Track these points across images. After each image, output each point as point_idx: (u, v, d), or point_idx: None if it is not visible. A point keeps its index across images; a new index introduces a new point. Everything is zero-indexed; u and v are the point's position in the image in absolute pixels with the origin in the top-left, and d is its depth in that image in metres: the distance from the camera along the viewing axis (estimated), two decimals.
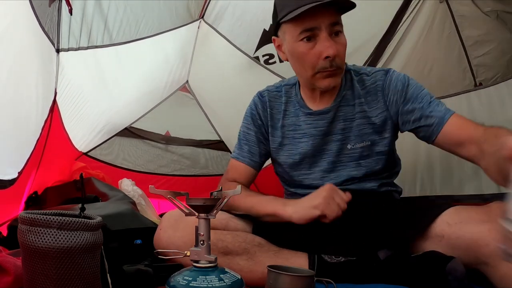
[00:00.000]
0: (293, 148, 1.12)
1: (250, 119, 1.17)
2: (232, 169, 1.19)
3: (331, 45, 0.95)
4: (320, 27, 0.95)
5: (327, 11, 0.94)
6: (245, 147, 1.17)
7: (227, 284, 0.59)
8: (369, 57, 2.00)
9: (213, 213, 0.64)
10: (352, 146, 1.06)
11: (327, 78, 0.99)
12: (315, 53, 0.97)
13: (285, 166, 1.14)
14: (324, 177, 1.09)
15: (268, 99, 1.15)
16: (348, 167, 1.07)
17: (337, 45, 0.97)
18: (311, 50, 0.97)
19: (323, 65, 0.97)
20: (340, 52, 0.98)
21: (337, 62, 0.97)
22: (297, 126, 1.12)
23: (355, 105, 1.07)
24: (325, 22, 0.95)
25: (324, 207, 0.91)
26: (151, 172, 2.37)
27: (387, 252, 0.88)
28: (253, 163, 1.16)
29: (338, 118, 1.07)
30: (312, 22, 0.95)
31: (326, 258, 0.90)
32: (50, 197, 1.59)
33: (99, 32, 1.68)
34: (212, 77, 2.28)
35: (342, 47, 0.98)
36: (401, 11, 1.93)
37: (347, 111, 1.07)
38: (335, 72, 0.99)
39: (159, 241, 0.95)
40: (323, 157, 1.09)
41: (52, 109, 1.64)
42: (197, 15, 2.02)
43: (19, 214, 0.64)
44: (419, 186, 1.95)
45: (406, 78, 1.04)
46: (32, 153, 1.45)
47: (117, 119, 2.16)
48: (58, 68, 1.62)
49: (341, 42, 0.98)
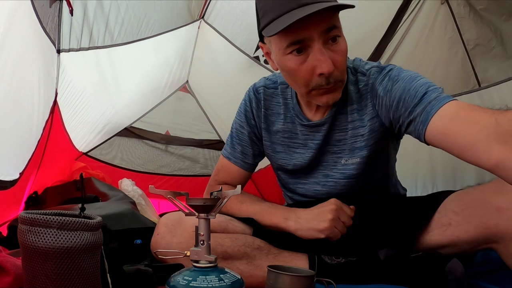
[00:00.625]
0: (288, 157, 1.04)
1: (244, 117, 1.07)
2: (223, 170, 1.12)
3: (325, 60, 0.78)
4: (312, 37, 0.78)
5: (319, 17, 0.77)
6: (238, 147, 1.09)
7: (227, 284, 0.59)
8: (369, 57, 2.00)
9: (213, 213, 0.64)
10: (345, 162, 0.97)
11: (324, 95, 0.85)
12: (307, 68, 0.81)
13: (280, 172, 1.12)
14: (317, 190, 1.04)
15: (264, 97, 1.04)
16: (339, 185, 0.99)
17: (335, 55, 0.81)
18: (302, 66, 0.81)
19: (318, 82, 0.82)
20: (339, 63, 0.82)
21: (335, 77, 0.82)
22: (293, 134, 1.02)
23: (347, 113, 0.94)
24: (318, 30, 0.78)
25: (330, 231, 0.87)
26: (151, 172, 2.38)
27: (387, 252, 0.88)
28: (246, 165, 1.10)
29: (333, 128, 0.96)
30: (301, 32, 0.78)
31: (326, 259, 0.90)
32: (50, 197, 1.59)
33: (100, 33, 1.68)
34: (212, 77, 2.29)
35: (341, 56, 0.82)
36: (401, 10, 1.93)
37: (342, 120, 0.95)
38: (334, 88, 0.84)
39: (157, 248, 0.92)
40: (319, 168, 1.02)
41: (53, 110, 1.64)
42: (197, 15, 2.02)
43: (19, 214, 0.64)
44: (421, 188, 1.94)
45: (397, 72, 0.87)
46: (33, 154, 1.45)
47: (118, 119, 2.16)
48: (59, 68, 1.62)
49: (339, 50, 0.82)
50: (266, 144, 1.07)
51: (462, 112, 0.71)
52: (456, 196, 0.84)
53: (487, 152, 0.63)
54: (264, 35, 0.84)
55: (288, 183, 1.11)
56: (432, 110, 0.75)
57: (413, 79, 0.82)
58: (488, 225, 0.75)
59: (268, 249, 0.92)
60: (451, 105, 0.73)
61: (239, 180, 1.11)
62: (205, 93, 2.40)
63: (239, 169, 1.10)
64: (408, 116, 0.80)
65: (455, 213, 0.81)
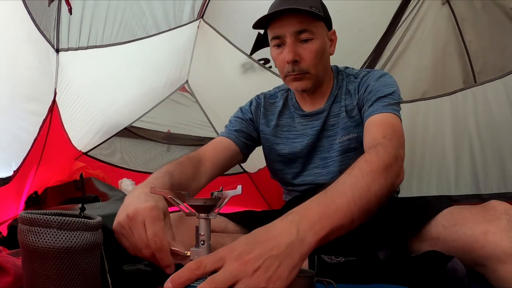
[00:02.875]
0: (286, 146, 1.14)
1: (241, 112, 1.20)
2: (210, 144, 1.10)
3: (290, 51, 1.00)
4: (285, 34, 1.01)
5: (293, 19, 0.99)
6: (232, 128, 1.15)
7: None
8: (369, 57, 2.00)
9: (214, 213, 0.64)
10: (340, 140, 1.09)
11: (294, 82, 1.05)
12: (282, 58, 1.04)
13: (278, 164, 1.16)
14: (317, 173, 1.11)
15: (264, 101, 1.20)
16: (337, 162, 1.09)
17: (304, 51, 1.01)
18: (280, 56, 1.05)
19: (288, 69, 1.04)
20: (306, 57, 1.02)
21: (301, 67, 1.02)
22: (291, 127, 1.15)
23: (341, 101, 1.11)
24: (289, 30, 1.00)
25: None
26: (151, 172, 2.36)
27: (387, 252, 0.88)
28: (238, 141, 1.12)
29: (330, 116, 1.12)
30: (278, 30, 1.02)
31: (325, 259, 0.90)
32: (50, 197, 1.59)
33: (99, 32, 1.67)
34: (211, 76, 2.29)
35: (309, 53, 1.02)
36: (400, 11, 1.93)
37: (336, 108, 1.12)
38: (299, 77, 1.04)
39: None
40: (316, 154, 1.12)
41: (51, 109, 1.64)
42: (197, 14, 2.02)
43: (19, 214, 0.64)
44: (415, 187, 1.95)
45: (378, 74, 1.06)
46: (29, 153, 1.44)
47: (117, 118, 2.16)
48: (57, 68, 1.62)
49: (309, 49, 1.02)
50: (265, 137, 1.17)
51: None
52: (448, 211, 0.84)
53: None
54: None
55: (287, 177, 1.15)
56: (372, 114, 0.96)
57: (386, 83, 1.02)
58: (474, 247, 0.74)
59: None
60: (377, 116, 0.95)
61: (223, 150, 1.08)
62: (205, 92, 2.40)
63: (230, 141, 1.10)
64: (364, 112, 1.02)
65: (444, 227, 0.81)
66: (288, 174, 1.15)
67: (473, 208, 0.81)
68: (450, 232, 0.79)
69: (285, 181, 1.18)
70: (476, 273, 0.77)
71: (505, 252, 0.69)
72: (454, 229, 0.79)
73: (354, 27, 1.86)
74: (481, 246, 0.73)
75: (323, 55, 1.05)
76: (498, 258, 0.70)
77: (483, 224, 0.74)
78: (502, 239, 0.70)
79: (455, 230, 0.79)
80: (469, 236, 0.75)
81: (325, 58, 1.07)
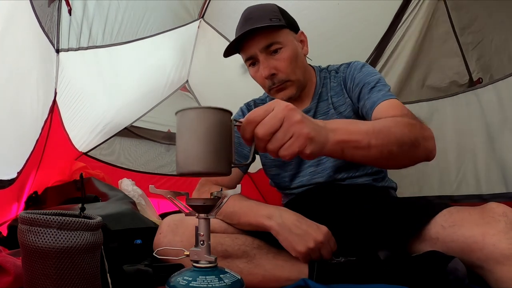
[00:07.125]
0: None
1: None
2: None
3: (265, 67, 1.03)
4: (256, 53, 1.04)
5: (257, 37, 1.02)
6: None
7: (227, 284, 0.59)
8: (369, 57, 2.00)
9: (213, 213, 0.64)
10: None
11: (279, 93, 1.07)
12: (260, 75, 1.06)
13: (274, 169, 1.16)
14: (312, 171, 1.11)
15: (254, 106, 1.20)
16: (331, 158, 1.08)
17: (277, 62, 1.04)
18: (257, 73, 1.07)
19: (269, 84, 1.06)
20: (281, 68, 1.04)
21: (279, 78, 1.04)
22: None
23: (328, 99, 1.13)
24: (258, 48, 1.03)
25: (304, 257, 0.86)
26: (151, 172, 2.38)
27: (387, 252, 0.88)
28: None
29: (317, 114, 1.12)
30: (248, 51, 1.05)
31: None
32: (50, 197, 1.59)
33: (99, 32, 1.67)
34: (212, 76, 2.29)
35: (283, 62, 1.04)
36: (400, 11, 1.93)
37: (323, 106, 1.13)
38: (282, 87, 1.06)
39: (160, 246, 0.93)
40: None
41: (52, 109, 1.64)
42: (197, 14, 2.02)
43: (19, 214, 0.64)
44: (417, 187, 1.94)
45: (359, 65, 1.09)
46: (31, 153, 1.45)
47: (117, 119, 2.16)
48: (58, 68, 1.62)
49: (281, 58, 1.04)
50: None
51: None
52: (447, 211, 0.84)
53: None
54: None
55: (285, 181, 1.15)
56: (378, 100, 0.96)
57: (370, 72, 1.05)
58: (473, 248, 0.74)
59: (267, 248, 0.93)
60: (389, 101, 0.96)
61: (231, 178, 1.10)
62: (205, 92, 2.40)
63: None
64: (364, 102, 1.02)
65: (443, 228, 0.81)
66: (285, 178, 1.15)
67: (472, 209, 0.81)
68: (449, 232, 0.79)
69: (283, 186, 1.18)
70: (474, 275, 0.76)
71: (503, 254, 0.69)
72: (453, 230, 0.79)
73: (355, 28, 1.87)
74: (480, 248, 0.73)
75: (297, 59, 1.06)
76: (496, 260, 0.70)
77: (482, 225, 0.74)
78: (500, 241, 0.70)
79: (454, 231, 0.79)
80: (468, 237, 0.75)
81: (300, 61, 1.08)
